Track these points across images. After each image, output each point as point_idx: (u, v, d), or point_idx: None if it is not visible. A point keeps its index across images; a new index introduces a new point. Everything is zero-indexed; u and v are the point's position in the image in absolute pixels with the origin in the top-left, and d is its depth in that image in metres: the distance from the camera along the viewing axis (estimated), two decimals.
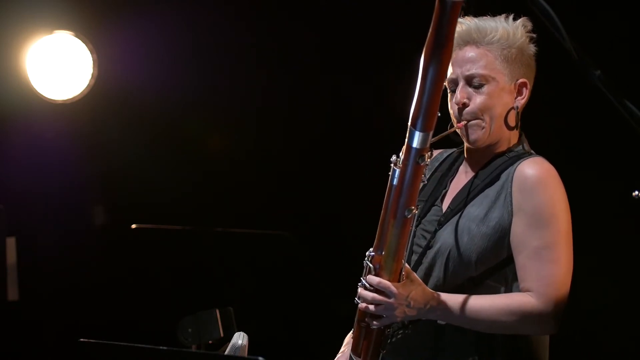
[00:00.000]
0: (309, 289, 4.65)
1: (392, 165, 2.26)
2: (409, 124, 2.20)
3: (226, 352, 2.38)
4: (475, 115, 2.44)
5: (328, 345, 2.73)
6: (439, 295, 2.35)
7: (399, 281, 2.32)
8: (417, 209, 2.28)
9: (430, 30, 2.09)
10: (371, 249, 2.34)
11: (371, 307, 2.33)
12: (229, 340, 2.37)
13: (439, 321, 2.41)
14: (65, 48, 4.59)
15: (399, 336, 2.46)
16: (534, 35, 2.48)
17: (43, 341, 4.81)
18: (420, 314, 2.35)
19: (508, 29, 2.45)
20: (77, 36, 4.58)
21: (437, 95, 2.16)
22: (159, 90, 4.68)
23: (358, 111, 4.55)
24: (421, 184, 2.28)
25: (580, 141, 3.94)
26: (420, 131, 2.19)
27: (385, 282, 2.30)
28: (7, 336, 4.72)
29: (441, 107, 2.23)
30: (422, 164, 2.22)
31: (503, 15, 2.47)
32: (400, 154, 2.25)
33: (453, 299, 2.35)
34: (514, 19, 2.47)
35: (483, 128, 2.44)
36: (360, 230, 2.70)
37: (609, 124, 3.17)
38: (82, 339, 2.13)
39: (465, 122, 2.45)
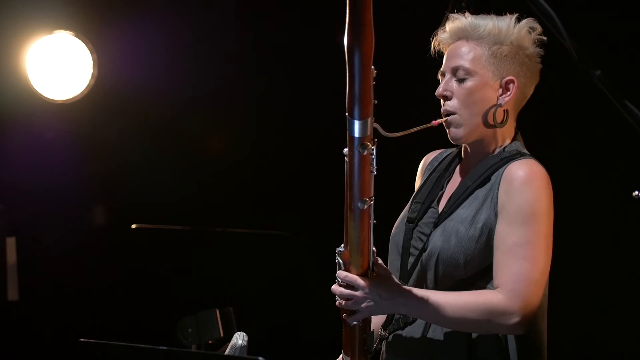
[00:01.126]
0: (309, 289, 4.65)
1: (345, 157, 2.23)
2: (346, 113, 2.16)
3: (226, 352, 2.38)
4: (455, 110, 2.43)
5: (328, 345, 2.73)
6: (408, 289, 2.33)
7: (369, 275, 2.31)
8: (371, 200, 2.23)
9: (347, 17, 2.06)
10: (342, 245, 2.33)
11: (343, 302, 2.32)
12: (229, 340, 2.37)
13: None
14: (65, 48, 4.59)
15: (397, 337, 2.46)
16: (545, 38, 2.44)
17: (43, 341, 4.81)
18: (389, 307, 2.33)
19: (500, 25, 2.42)
20: (77, 36, 4.58)
21: (367, 81, 2.11)
22: (159, 90, 4.68)
23: None
24: (372, 174, 2.22)
25: (581, 141, 3.94)
26: (358, 119, 2.14)
27: (351, 276, 2.30)
28: (7, 336, 4.73)
29: (378, 94, 2.18)
30: (365, 154, 2.17)
31: (507, 16, 2.45)
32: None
33: (421, 294, 2.31)
34: (519, 20, 2.44)
35: (461, 125, 2.43)
36: None
37: (608, 124, 3.17)
38: (82, 339, 2.13)
39: (445, 118, 2.43)
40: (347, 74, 2.11)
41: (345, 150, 2.22)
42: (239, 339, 2.35)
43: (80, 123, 4.76)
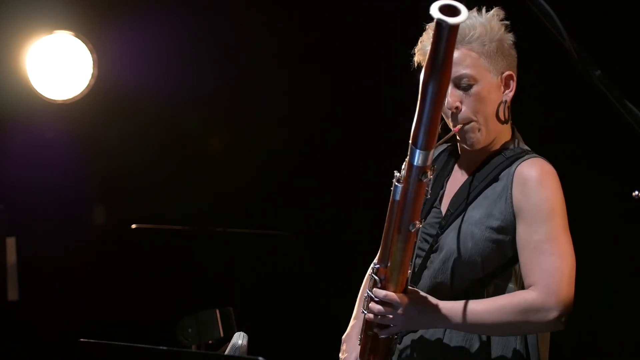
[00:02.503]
0: (309, 289, 4.65)
1: (394, 181, 2.25)
2: (410, 142, 2.18)
3: (226, 352, 2.38)
4: (470, 119, 2.43)
5: (328, 345, 2.73)
6: (444, 303, 2.35)
7: (405, 292, 2.33)
8: (420, 222, 2.27)
9: (429, 51, 2.09)
10: (375, 261, 2.34)
11: (379, 317, 2.34)
12: (229, 340, 2.37)
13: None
14: (65, 48, 4.59)
15: (408, 343, 2.47)
16: (508, 23, 2.46)
17: (43, 341, 4.81)
18: (427, 323, 2.36)
19: (485, 24, 2.42)
20: (77, 36, 4.58)
21: (437, 114, 2.14)
22: (159, 90, 4.68)
23: (358, 111, 4.55)
24: (424, 199, 2.26)
25: (580, 141, 3.94)
26: (421, 150, 2.17)
27: (392, 295, 2.32)
28: (7, 336, 4.72)
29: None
30: (424, 181, 2.21)
31: (475, 9, 2.45)
32: (402, 169, 2.23)
33: (457, 306, 2.34)
34: (487, 11, 2.45)
35: (479, 130, 2.43)
36: (360, 230, 2.71)
37: (608, 124, 3.17)
38: (82, 339, 2.13)
39: (461, 125, 2.43)
40: (418, 105, 2.14)
41: (397, 173, 2.24)
42: (239, 339, 2.35)
43: (80, 123, 4.76)
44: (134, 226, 4.54)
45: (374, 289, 2.34)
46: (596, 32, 3.69)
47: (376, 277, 2.33)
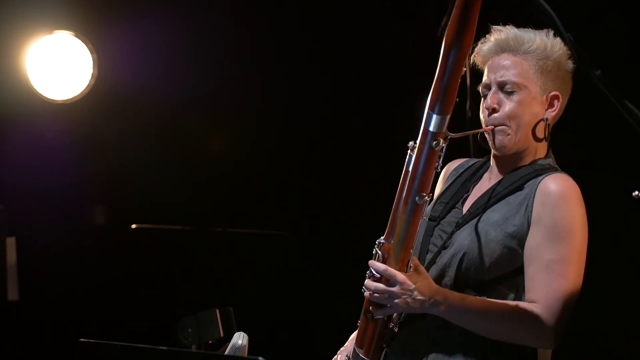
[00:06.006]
0: (309, 289, 4.65)
1: (408, 150, 2.29)
2: (427, 107, 2.22)
3: (226, 352, 2.38)
4: (503, 122, 2.45)
5: (328, 345, 2.73)
6: (444, 291, 2.34)
7: (406, 271, 2.32)
8: (428, 196, 2.28)
9: (453, 14, 2.13)
10: (382, 237, 2.34)
11: (375, 294, 2.32)
12: (229, 340, 2.37)
13: (442, 321, 2.41)
14: (65, 48, 4.59)
15: (402, 335, 2.46)
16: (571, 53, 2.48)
17: (43, 341, 4.82)
18: (423, 306, 2.33)
19: (546, 41, 2.46)
20: (77, 36, 4.58)
21: (456, 79, 2.19)
22: (159, 90, 4.68)
23: (358, 111, 4.55)
24: (434, 172, 2.28)
25: (580, 141, 3.94)
26: (437, 114, 2.21)
27: (391, 270, 2.30)
28: (7, 336, 4.72)
29: (459, 94, 2.24)
30: (436, 149, 2.24)
31: (545, 30, 2.48)
32: (418, 139, 2.27)
33: (458, 297, 2.34)
34: (554, 35, 2.48)
35: (509, 135, 2.46)
36: (360, 230, 2.71)
37: (608, 124, 3.17)
38: (82, 339, 2.13)
39: (492, 126, 2.46)
40: (438, 68, 2.19)
41: (411, 143, 2.29)
42: (239, 339, 2.35)
43: (80, 123, 4.76)
44: (134, 226, 4.54)
45: (374, 262, 2.33)
46: (596, 32, 3.69)
47: (379, 252, 2.33)
